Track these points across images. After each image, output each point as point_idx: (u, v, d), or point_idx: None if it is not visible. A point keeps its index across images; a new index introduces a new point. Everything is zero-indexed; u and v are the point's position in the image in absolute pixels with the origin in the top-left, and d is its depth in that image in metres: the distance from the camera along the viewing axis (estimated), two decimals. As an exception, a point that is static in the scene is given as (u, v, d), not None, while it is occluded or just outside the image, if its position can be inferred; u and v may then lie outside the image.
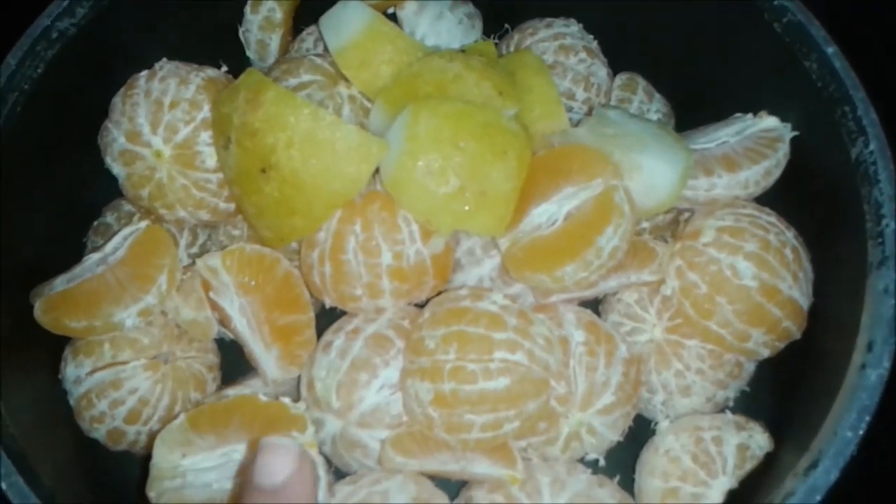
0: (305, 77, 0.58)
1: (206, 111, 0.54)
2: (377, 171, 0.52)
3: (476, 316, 0.48)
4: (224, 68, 0.60)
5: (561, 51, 0.65)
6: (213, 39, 0.65)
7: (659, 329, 0.55)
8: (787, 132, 0.56)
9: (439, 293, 0.54)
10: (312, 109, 0.50)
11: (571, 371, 0.50)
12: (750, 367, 0.56)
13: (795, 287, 0.51)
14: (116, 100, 0.56)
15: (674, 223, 0.58)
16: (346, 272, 0.52)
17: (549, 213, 0.52)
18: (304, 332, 0.56)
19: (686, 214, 0.58)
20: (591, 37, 0.68)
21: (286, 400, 0.46)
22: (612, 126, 0.55)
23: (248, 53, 0.67)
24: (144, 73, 0.56)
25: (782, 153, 0.55)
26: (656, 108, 0.66)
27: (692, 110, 0.65)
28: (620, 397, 0.50)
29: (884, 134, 0.49)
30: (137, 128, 0.54)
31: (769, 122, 0.57)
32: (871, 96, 0.50)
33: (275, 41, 0.66)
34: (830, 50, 0.52)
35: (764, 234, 0.52)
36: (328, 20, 0.58)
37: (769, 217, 0.53)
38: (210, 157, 0.54)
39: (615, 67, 0.68)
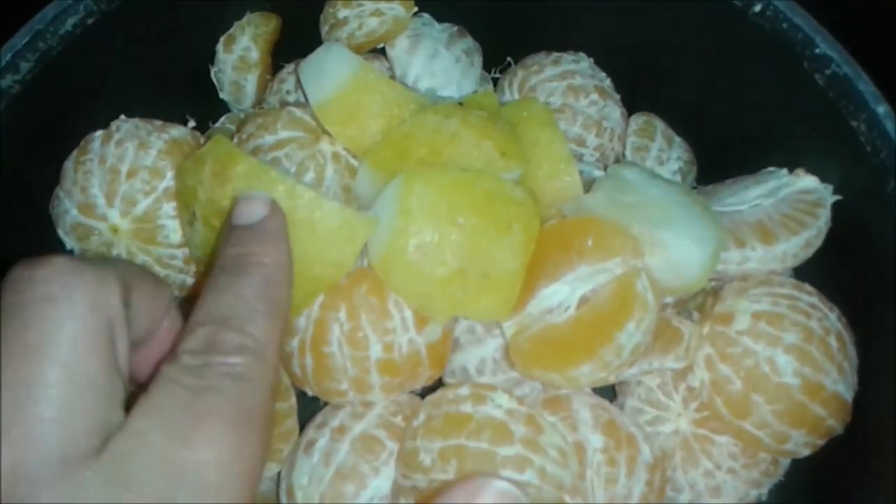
0: (283, 134, 0.51)
1: (168, 179, 0.48)
2: (365, 246, 0.46)
3: (478, 426, 0.42)
4: (191, 123, 0.53)
5: (570, 92, 0.59)
6: (182, 83, 0.58)
7: (685, 420, 0.49)
8: (829, 196, 0.49)
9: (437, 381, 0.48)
10: (288, 186, 0.43)
11: (588, 483, 0.44)
12: (786, 462, 0.50)
13: (840, 380, 0.45)
14: (68, 165, 0.49)
15: (700, 295, 0.52)
16: (329, 366, 0.46)
17: (560, 295, 0.46)
18: (285, 421, 0.50)
19: (713, 284, 0.51)
20: (604, 74, 0.61)
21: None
22: (630, 191, 0.48)
23: (222, 96, 0.61)
24: (99, 134, 0.49)
25: (823, 221, 0.49)
26: (676, 154, 0.59)
27: (717, 159, 0.59)
28: (643, 511, 0.44)
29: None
30: (91, 199, 0.47)
31: (808, 182, 0.50)
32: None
33: (251, 82, 0.59)
34: (882, 110, 0.45)
35: (805, 322, 0.45)
36: (308, 68, 0.51)
37: (810, 297, 0.47)
38: (174, 232, 0.48)
39: (630, 107, 0.62)
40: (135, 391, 0.31)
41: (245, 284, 0.34)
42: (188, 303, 0.38)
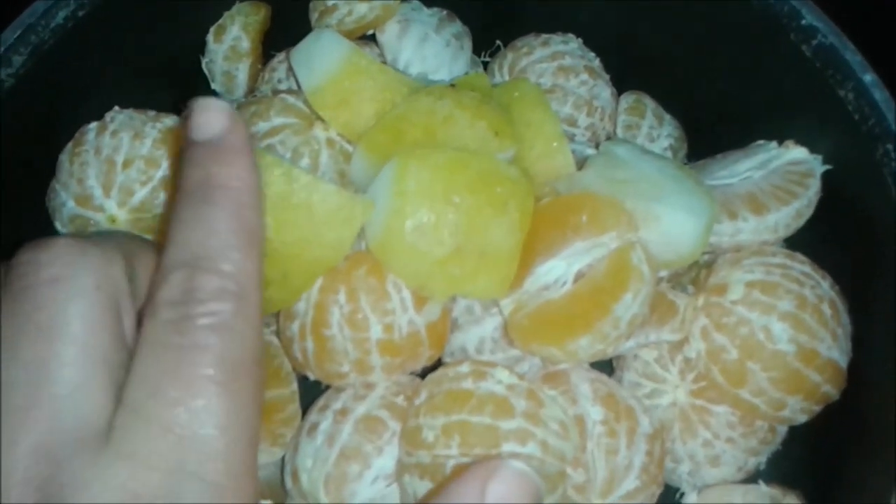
0: (277, 121, 0.51)
1: (164, 168, 0.48)
2: (362, 229, 0.46)
3: (480, 401, 0.43)
4: (185, 113, 0.53)
5: (560, 72, 0.59)
6: (173, 73, 0.58)
7: (682, 391, 0.49)
8: (819, 166, 0.50)
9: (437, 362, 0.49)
10: (285, 169, 0.44)
11: (589, 455, 0.45)
12: (783, 430, 0.50)
13: (835, 347, 0.46)
14: (63, 157, 0.49)
15: (693, 268, 0.53)
16: (330, 349, 0.46)
17: (556, 271, 0.46)
18: (287, 407, 0.50)
19: (706, 257, 0.52)
20: (593, 54, 0.61)
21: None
22: (622, 167, 0.49)
23: (214, 86, 0.61)
24: (93, 125, 0.49)
25: (813, 191, 0.49)
26: (667, 132, 0.60)
27: (706, 135, 0.59)
28: (645, 480, 0.45)
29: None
30: (88, 190, 0.48)
31: (797, 153, 0.51)
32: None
33: (242, 72, 0.60)
34: (868, 78, 0.46)
35: (799, 290, 0.46)
36: (299, 55, 0.52)
37: (803, 266, 0.48)
38: (172, 221, 0.48)
39: (620, 86, 0.62)
40: None
41: (215, 215, 0.32)
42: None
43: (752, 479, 0.51)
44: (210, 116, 0.35)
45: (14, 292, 0.29)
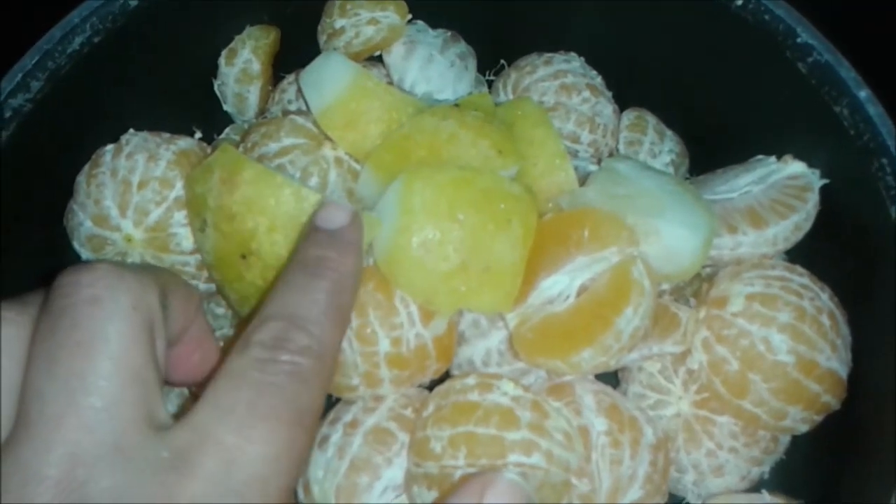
0: (287, 141, 0.53)
1: (178, 189, 0.50)
2: (370, 246, 0.47)
3: (486, 413, 0.44)
4: (198, 135, 0.55)
5: (562, 90, 0.60)
6: (187, 96, 0.60)
7: (686, 402, 0.50)
8: (817, 180, 0.51)
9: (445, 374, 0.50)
10: (294, 189, 0.45)
11: (594, 465, 0.45)
12: (785, 440, 0.51)
13: (834, 357, 0.47)
14: (81, 179, 0.51)
15: (696, 281, 0.54)
16: (340, 362, 0.47)
17: (560, 285, 0.47)
18: (299, 420, 0.51)
19: (707, 270, 0.53)
20: (595, 72, 0.63)
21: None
22: (623, 184, 0.50)
23: (226, 108, 0.62)
24: (110, 147, 0.51)
25: (812, 204, 0.50)
26: (668, 147, 0.61)
27: (707, 150, 0.60)
28: (649, 490, 0.46)
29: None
30: (105, 211, 0.49)
31: (795, 167, 0.52)
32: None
33: (253, 94, 0.61)
34: (863, 94, 0.47)
35: (798, 302, 0.47)
36: (308, 77, 0.53)
37: (801, 278, 0.49)
38: (186, 239, 0.50)
39: (622, 103, 0.63)
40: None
41: (320, 288, 0.36)
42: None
43: (755, 488, 0.51)
44: (336, 212, 0.41)
45: (55, 310, 0.31)
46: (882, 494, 0.44)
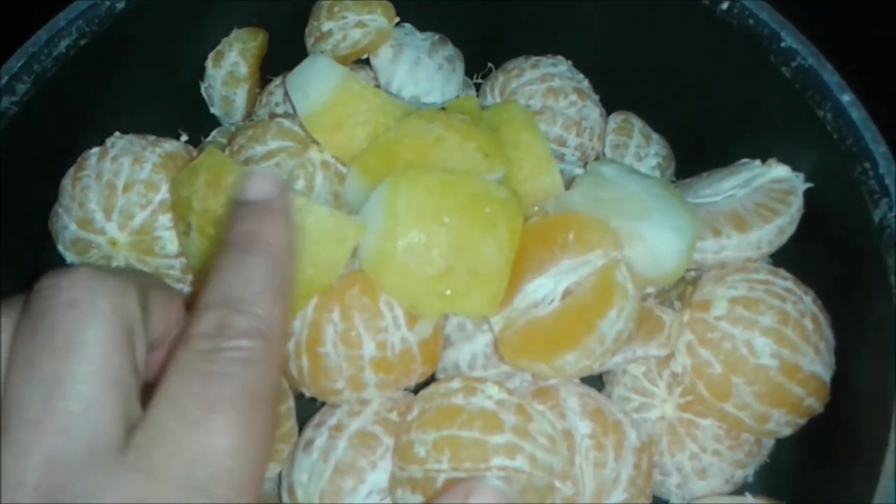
0: (273, 144, 0.53)
1: (163, 192, 0.50)
2: (356, 249, 0.47)
3: (470, 417, 0.44)
4: (184, 137, 0.55)
5: (549, 94, 0.61)
6: (173, 99, 0.60)
7: (670, 405, 0.50)
8: (801, 183, 0.51)
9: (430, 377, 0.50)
10: (279, 192, 0.45)
11: (577, 468, 0.46)
12: (769, 443, 0.51)
13: (817, 360, 0.47)
14: (66, 182, 0.51)
15: (680, 284, 0.54)
16: (325, 366, 0.47)
17: (545, 288, 0.47)
18: (284, 423, 0.51)
19: (692, 273, 0.53)
20: (582, 76, 0.63)
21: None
22: (608, 187, 0.50)
23: (213, 110, 0.62)
24: (95, 150, 0.51)
25: (796, 208, 0.51)
26: (654, 150, 0.61)
27: (693, 153, 0.61)
28: (633, 493, 0.46)
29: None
30: (89, 214, 0.49)
31: (780, 171, 0.52)
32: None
33: (240, 96, 0.61)
34: (846, 98, 0.47)
35: (781, 305, 0.47)
36: (295, 80, 0.53)
37: (785, 282, 0.49)
38: (171, 242, 0.50)
39: (608, 106, 0.63)
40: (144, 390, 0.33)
41: (252, 265, 0.35)
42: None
43: (739, 491, 0.51)
44: (260, 182, 0.38)
45: (35, 313, 0.31)
46: (865, 497, 0.44)
